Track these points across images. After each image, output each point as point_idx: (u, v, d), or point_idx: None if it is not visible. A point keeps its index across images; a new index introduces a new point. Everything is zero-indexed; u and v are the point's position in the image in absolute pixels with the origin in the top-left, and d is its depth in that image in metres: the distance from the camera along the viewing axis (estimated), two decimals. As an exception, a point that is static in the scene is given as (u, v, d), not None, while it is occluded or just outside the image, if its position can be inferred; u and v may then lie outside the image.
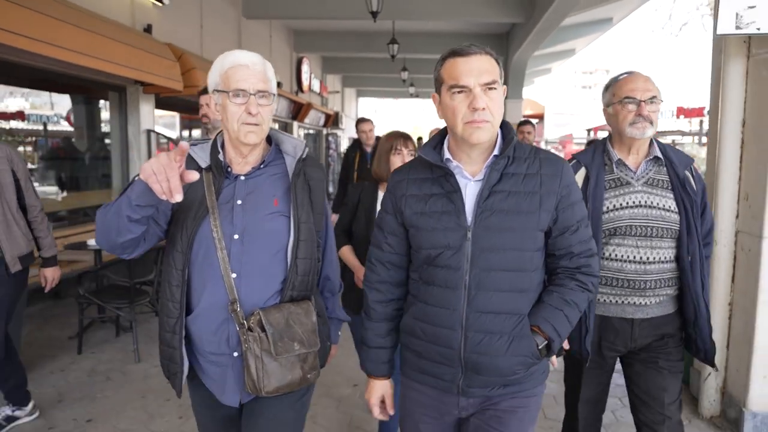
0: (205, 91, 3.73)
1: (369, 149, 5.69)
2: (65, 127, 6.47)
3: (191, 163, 1.55)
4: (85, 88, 6.34)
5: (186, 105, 8.17)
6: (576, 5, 8.54)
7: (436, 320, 1.53)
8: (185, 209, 1.54)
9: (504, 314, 1.49)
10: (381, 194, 2.52)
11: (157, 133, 7.13)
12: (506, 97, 1.52)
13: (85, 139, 6.75)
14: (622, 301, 2.03)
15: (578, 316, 1.58)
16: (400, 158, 2.54)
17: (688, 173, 2.05)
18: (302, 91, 14.14)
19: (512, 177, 1.50)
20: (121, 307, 4.18)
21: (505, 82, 1.52)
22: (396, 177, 1.64)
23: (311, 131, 16.44)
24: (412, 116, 51.28)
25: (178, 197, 1.22)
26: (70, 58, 4.85)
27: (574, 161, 2.15)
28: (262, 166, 1.62)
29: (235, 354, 1.57)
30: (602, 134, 20.70)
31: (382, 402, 1.69)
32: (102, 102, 6.79)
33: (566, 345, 1.86)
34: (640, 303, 2.02)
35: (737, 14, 2.86)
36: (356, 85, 21.78)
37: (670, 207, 1.99)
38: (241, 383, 1.58)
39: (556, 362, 1.75)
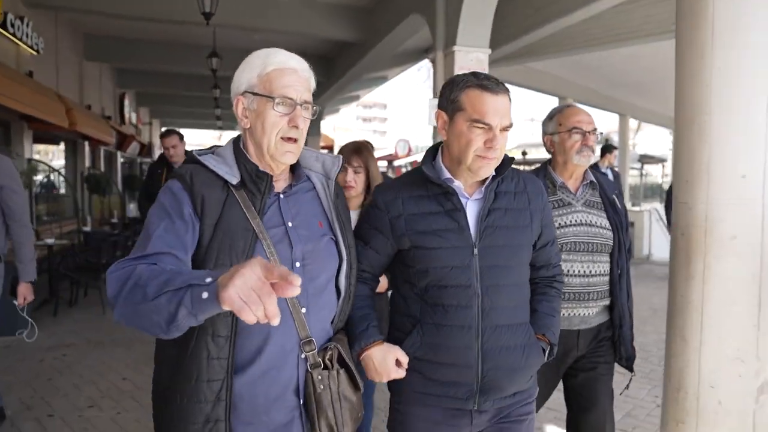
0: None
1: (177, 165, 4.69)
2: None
3: (215, 180, 1.28)
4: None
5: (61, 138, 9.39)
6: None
7: (450, 340, 1.49)
8: (222, 238, 1.24)
9: (515, 326, 1.54)
10: None
11: (37, 161, 8.36)
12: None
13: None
14: (569, 314, 2.08)
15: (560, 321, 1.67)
16: (342, 176, 2.35)
17: (614, 197, 2.21)
18: (124, 123, 15.27)
19: (505, 195, 1.57)
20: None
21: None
22: (387, 195, 1.58)
23: (127, 160, 17.38)
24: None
25: (277, 321, 0.90)
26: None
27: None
28: (295, 183, 1.40)
29: (302, 401, 1.34)
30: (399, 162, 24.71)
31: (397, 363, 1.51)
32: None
33: None
34: (585, 314, 2.11)
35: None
36: (163, 116, 22.86)
37: (605, 225, 2.13)
38: None
39: None
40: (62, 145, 10.61)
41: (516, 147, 22.16)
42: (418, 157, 17.84)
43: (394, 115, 78.58)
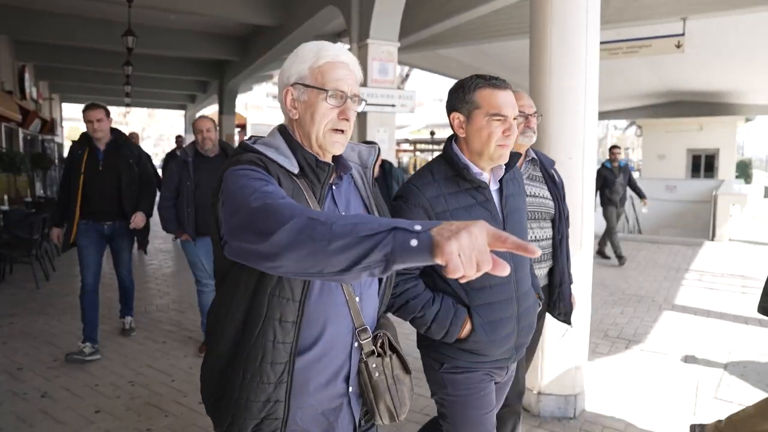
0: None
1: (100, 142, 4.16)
2: None
3: (279, 168, 1.27)
4: None
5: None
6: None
7: (502, 313, 1.74)
8: None
9: (529, 290, 1.87)
10: None
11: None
12: (221, 113, 2.32)
13: None
14: None
15: None
16: None
17: (553, 171, 2.42)
18: (25, 98, 14.61)
19: (507, 183, 1.79)
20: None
21: (220, 102, 2.64)
22: (429, 192, 1.70)
23: (29, 137, 16.58)
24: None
25: (506, 271, 0.87)
26: None
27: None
28: (344, 173, 1.41)
29: (351, 389, 1.38)
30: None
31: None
32: None
33: None
34: (538, 275, 2.31)
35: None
36: (64, 92, 21.77)
37: (546, 196, 2.35)
38: (354, 423, 1.41)
39: None
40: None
41: (425, 127, 23.22)
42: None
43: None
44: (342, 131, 1.34)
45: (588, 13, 2.92)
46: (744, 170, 35.19)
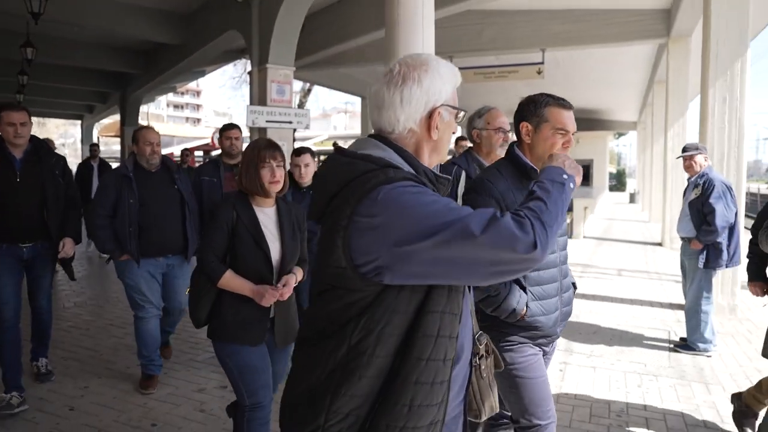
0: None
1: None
2: None
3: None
4: None
5: None
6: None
7: (549, 294, 2.05)
8: None
9: (568, 277, 2.18)
10: (258, 210, 2.38)
11: None
12: (123, 124, 2.97)
13: None
14: None
15: None
16: (269, 171, 2.33)
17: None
18: None
19: None
20: None
21: (123, 113, 3.14)
22: (500, 185, 2.00)
23: None
24: None
25: None
26: None
27: (456, 166, 2.78)
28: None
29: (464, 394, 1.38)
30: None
31: None
32: None
33: None
34: None
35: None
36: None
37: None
38: (463, 429, 1.39)
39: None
40: None
41: (327, 139, 24.11)
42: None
43: (208, 103, 76.34)
44: None
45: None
46: (620, 179, 39.30)
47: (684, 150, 4.58)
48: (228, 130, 4.30)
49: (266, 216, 2.40)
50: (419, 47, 3.94)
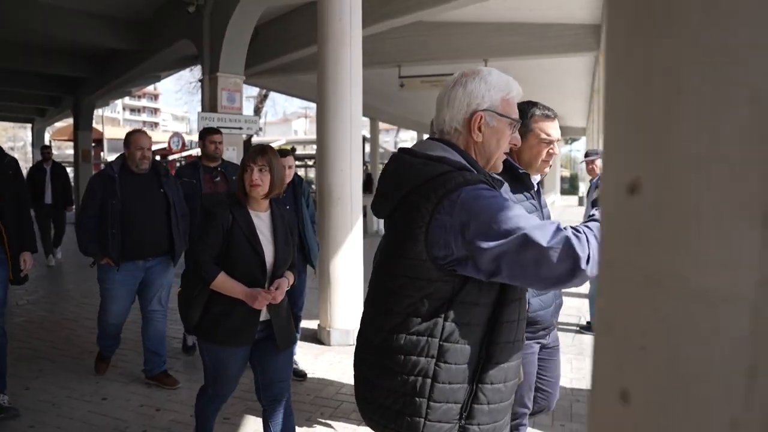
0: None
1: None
2: None
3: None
4: None
5: None
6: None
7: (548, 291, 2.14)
8: None
9: None
10: (254, 214, 2.42)
11: None
12: (77, 129, 2.56)
13: None
14: None
15: None
16: (249, 174, 2.36)
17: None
18: None
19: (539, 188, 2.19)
20: None
21: (76, 117, 2.88)
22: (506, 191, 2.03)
23: None
24: None
25: None
26: None
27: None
28: None
29: None
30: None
31: None
32: None
33: None
34: None
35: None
36: None
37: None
38: None
39: None
40: None
41: (285, 143, 24.43)
42: (193, 152, 18.79)
43: (167, 107, 75.12)
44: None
45: (352, 69, 4.49)
46: (572, 183, 40.71)
47: (586, 155, 5.20)
48: (212, 134, 4.41)
49: (261, 220, 2.47)
50: (347, 61, 4.43)
